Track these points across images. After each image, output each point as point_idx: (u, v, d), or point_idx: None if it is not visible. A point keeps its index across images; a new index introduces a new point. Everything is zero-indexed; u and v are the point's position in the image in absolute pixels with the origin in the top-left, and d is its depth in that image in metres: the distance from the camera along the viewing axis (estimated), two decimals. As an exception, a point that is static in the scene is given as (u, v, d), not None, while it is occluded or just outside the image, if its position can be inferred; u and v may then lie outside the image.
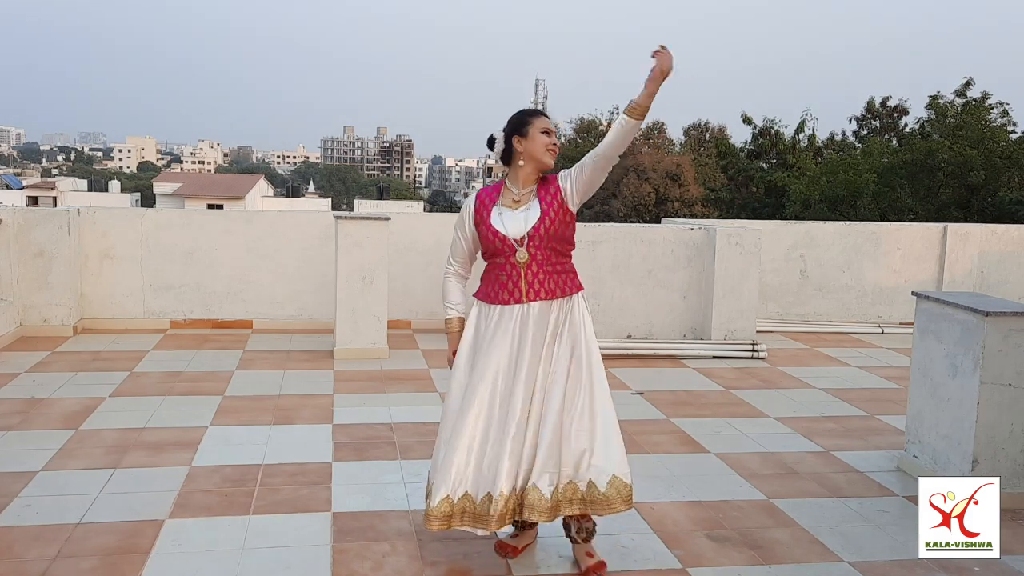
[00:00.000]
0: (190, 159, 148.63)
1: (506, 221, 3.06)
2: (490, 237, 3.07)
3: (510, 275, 3.05)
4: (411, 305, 7.67)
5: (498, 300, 3.06)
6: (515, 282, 3.04)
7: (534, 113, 3.15)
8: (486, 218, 3.09)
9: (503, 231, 3.05)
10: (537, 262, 3.04)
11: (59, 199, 47.27)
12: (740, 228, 7.33)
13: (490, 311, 3.10)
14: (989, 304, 3.97)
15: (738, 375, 6.37)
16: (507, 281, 3.05)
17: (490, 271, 3.13)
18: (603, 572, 3.15)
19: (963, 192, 21.67)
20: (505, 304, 3.05)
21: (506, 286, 3.05)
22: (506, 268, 3.06)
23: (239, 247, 7.50)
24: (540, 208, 3.06)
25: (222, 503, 3.69)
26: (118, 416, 4.88)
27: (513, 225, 3.06)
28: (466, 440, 3.01)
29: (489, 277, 3.13)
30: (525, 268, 3.04)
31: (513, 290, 3.04)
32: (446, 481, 3.00)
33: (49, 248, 6.93)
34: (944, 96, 23.45)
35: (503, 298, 3.05)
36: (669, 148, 39.41)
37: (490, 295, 3.09)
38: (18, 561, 3.12)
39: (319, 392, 5.53)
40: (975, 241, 8.72)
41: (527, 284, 3.04)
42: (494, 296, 3.08)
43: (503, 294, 3.05)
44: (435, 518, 3.00)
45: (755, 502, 3.90)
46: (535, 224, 3.04)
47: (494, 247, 3.07)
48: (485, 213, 3.11)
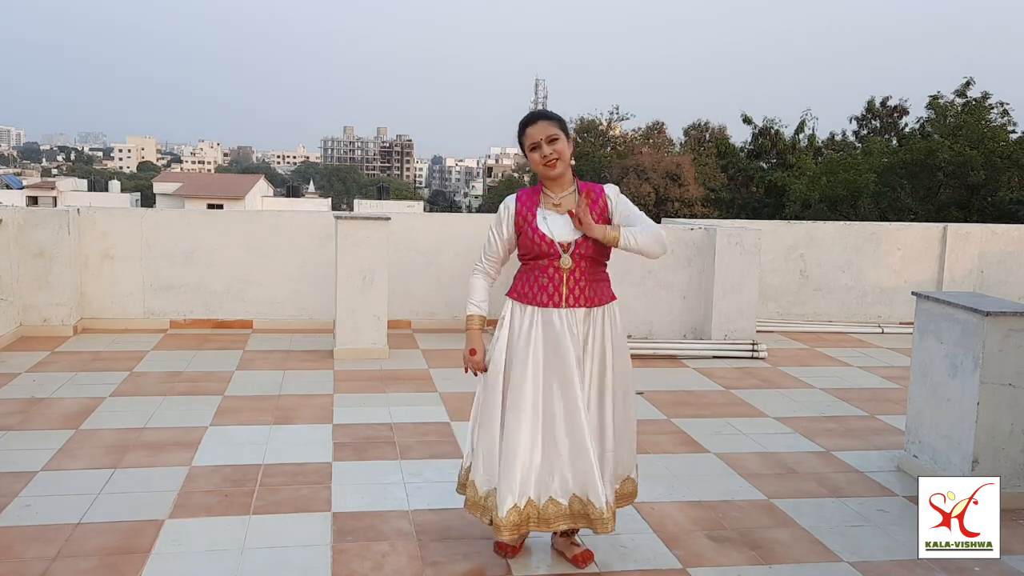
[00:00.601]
0: (190, 159, 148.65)
1: (552, 225, 3.02)
2: (536, 241, 3.01)
3: (552, 278, 3.02)
4: (411, 305, 7.67)
5: (536, 302, 3.03)
6: (556, 286, 3.02)
7: (522, 126, 3.05)
8: (531, 221, 3.04)
9: (549, 235, 3.00)
10: (580, 269, 3.03)
11: (59, 199, 47.25)
12: (740, 228, 7.33)
13: (524, 311, 3.06)
14: (989, 304, 3.97)
15: (738, 375, 6.37)
16: (548, 284, 3.02)
17: (529, 272, 3.08)
18: (591, 559, 3.20)
19: (963, 192, 21.68)
20: (543, 307, 3.02)
21: (546, 289, 3.02)
22: (548, 271, 3.02)
23: (239, 247, 7.50)
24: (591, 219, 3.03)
25: (222, 503, 3.69)
26: (118, 416, 4.88)
27: (560, 230, 3.01)
28: (525, 447, 3.01)
29: (527, 278, 3.08)
30: (568, 274, 3.02)
31: (553, 294, 3.02)
32: (512, 490, 3.00)
33: (49, 248, 6.93)
34: (944, 96, 23.48)
35: (542, 300, 3.02)
36: (669, 148, 39.40)
37: (528, 296, 3.05)
38: (18, 561, 3.12)
39: (319, 392, 5.53)
40: (975, 241, 8.72)
41: (568, 289, 3.02)
42: (532, 297, 3.04)
43: (542, 296, 3.02)
44: (505, 528, 3.01)
45: (755, 502, 3.90)
46: (584, 235, 3.01)
47: (539, 250, 3.02)
48: (530, 216, 3.05)
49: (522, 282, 3.10)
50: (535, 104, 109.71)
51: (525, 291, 3.07)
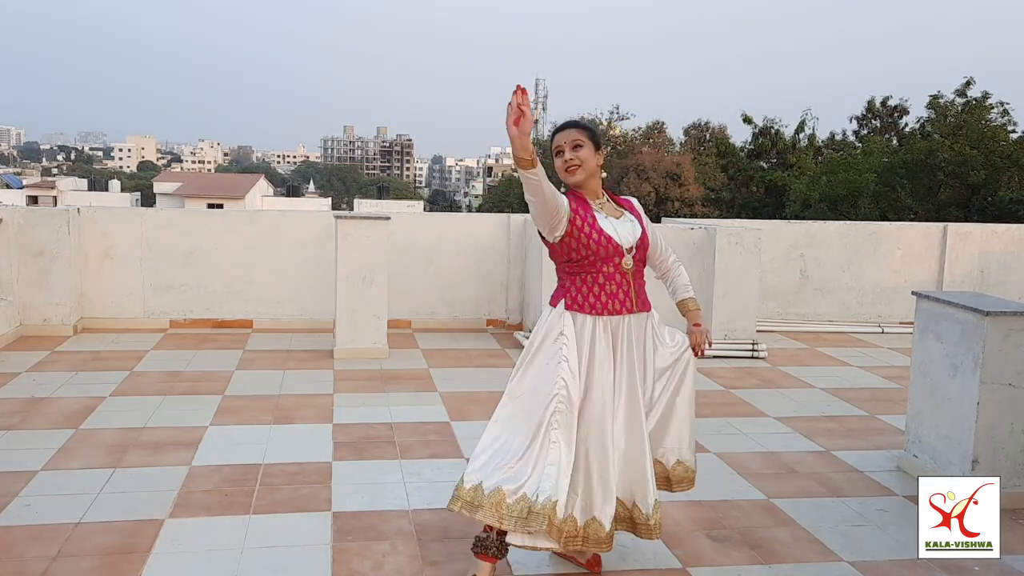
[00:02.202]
0: (190, 159, 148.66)
1: (617, 227, 2.93)
2: (601, 240, 2.86)
3: (620, 284, 2.91)
4: (411, 305, 7.67)
5: (607, 311, 2.89)
6: (626, 291, 2.92)
7: (562, 126, 3.00)
8: (593, 223, 2.87)
9: (616, 237, 2.90)
10: (639, 272, 3.00)
11: (59, 199, 47.26)
12: (740, 228, 7.33)
13: (585, 322, 2.89)
14: (989, 304, 3.97)
15: (738, 375, 6.37)
16: (617, 290, 2.90)
17: (588, 282, 2.90)
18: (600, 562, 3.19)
19: (963, 192, 21.67)
20: (616, 314, 2.90)
21: (616, 295, 2.90)
22: (615, 277, 2.90)
23: (239, 247, 7.50)
24: (639, 224, 3.02)
25: (222, 503, 3.69)
26: (118, 416, 4.88)
27: (624, 232, 2.94)
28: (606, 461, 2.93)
29: (588, 289, 2.90)
30: (632, 278, 2.95)
31: (625, 299, 2.91)
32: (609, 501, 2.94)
33: (49, 248, 6.93)
34: (944, 96, 23.45)
35: (613, 308, 2.90)
36: (669, 148, 39.36)
37: (596, 306, 2.88)
38: (18, 561, 3.12)
39: (319, 392, 5.53)
40: (975, 241, 8.72)
41: (636, 294, 2.96)
42: (601, 307, 2.88)
43: (613, 304, 2.90)
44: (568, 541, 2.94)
45: (755, 502, 3.90)
46: (641, 236, 2.98)
47: (603, 251, 2.88)
48: (590, 217, 2.88)
49: (580, 292, 2.90)
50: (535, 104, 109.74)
51: (589, 301, 2.89)
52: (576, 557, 3.20)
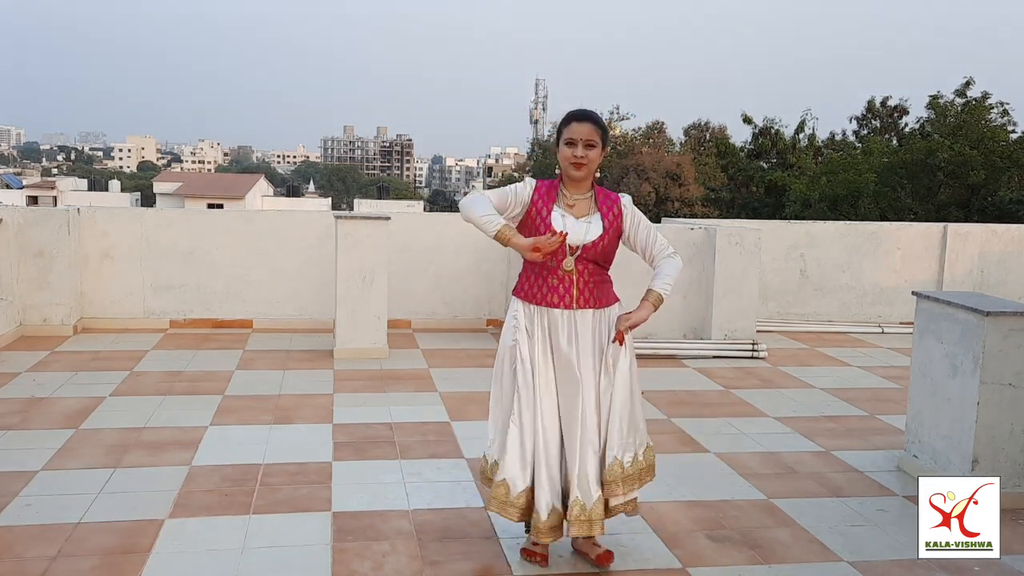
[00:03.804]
0: (190, 159, 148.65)
1: (568, 226, 3.00)
2: (543, 233, 2.97)
3: (561, 280, 3.02)
4: (411, 305, 7.67)
5: (547, 303, 3.03)
6: (567, 287, 3.02)
7: (567, 119, 3.06)
8: (545, 216, 3.00)
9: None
10: (588, 271, 3.04)
11: (59, 199, 47.27)
12: (740, 228, 7.33)
13: (533, 312, 3.06)
14: (989, 304, 3.97)
15: (738, 375, 6.37)
16: (558, 285, 3.02)
17: (535, 271, 3.06)
18: (612, 559, 3.20)
19: (963, 192, 21.68)
20: (555, 307, 3.02)
21: (556, 290, 3.02)
22: (557, 272, 3.02)
23: (239, 247, 7.50)
24: (603, 226, 3.04)
25: (222, 503, 3.69)
26: (118, 416, 4.88)
27: (575, 233, 3.00)
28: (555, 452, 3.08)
29: (535, 278, 3.06)
30: (577, 276, 3.02)
31: (564, 295, 3.02)
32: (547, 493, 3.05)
33: (49, 248, 6.93)
34: (944, 96, 23.45)
35: (553, 301, 3.02)
36: (669, 148, 39.36)
37: (537, 297, 3.04)
38: (18, 561, 3.12)
39: (319, 392, 5.53)
40: (975, 241, 8.72)
41: (578, 291, 3.02)
42: (542, 298, 3.03)
43: (553, 297, 3.02)
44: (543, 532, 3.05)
45: (755, 502, 3.90)
46: (595, 240, 3.02)
47: None
48: (544, 210, 3.02)
49: (530, 282, 3.08)
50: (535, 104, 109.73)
51: (535, 292, 3.06)
52: (587, 553, 3.22)
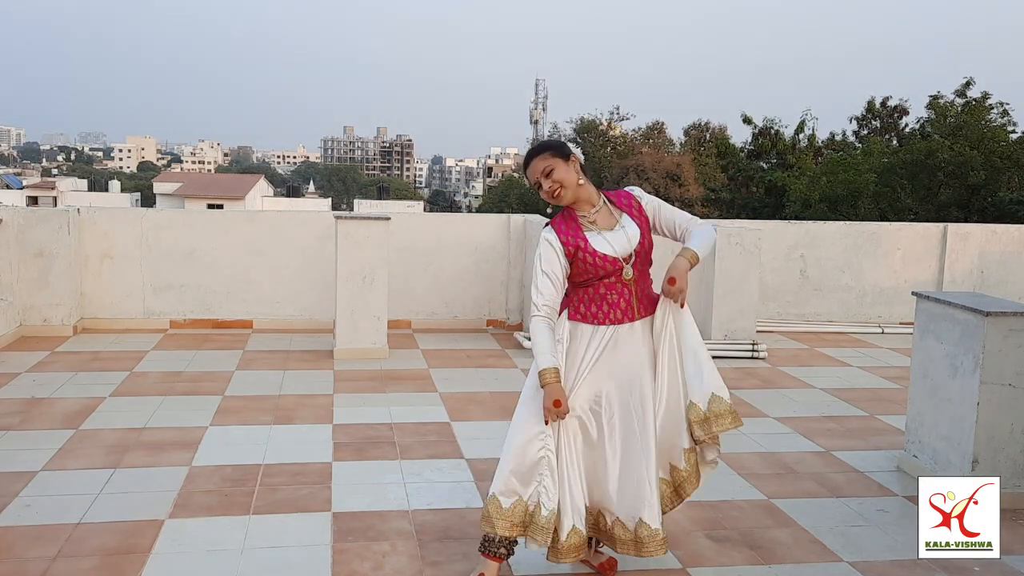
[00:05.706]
0: (190, 159, 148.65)
1: (611, 241, 2.96)
2: (596, 262, 2.93)
3: (622, 294, 2.97)
4: (411, 305, 7.67)
5: (609, 320, 2.97)
6: (627, 300, 2.97)
7: (527, 160, 3.03)
8: (586, 246, 2.94)
9: (612, 253, 2.94)
10: (643, 278, 3.02)
11: (59, 199, 47.28)
12: (740, 228, 7.33)
13: (593, 332, 2.98)
14: (989, 304, 3.97)
15: (738, 375, 6.37)
16: (618, 300, 2.97)
17: (590, 293, 2.99)
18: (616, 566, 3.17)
19: (963, 192, 21.70)
20: (619, 324, 2.97)
21: (618, 305, 2.97)
22: (616, 287, 2.96)
23: (239, 247, 7.50)
24: (637, 224, 3.01)
25: (222, 503, 3.70)
26: (118, 416, 4.88)
27: (619, 244, 2.96)
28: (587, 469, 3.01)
29: (590, 299, 2.99)
30: (635, 285, 2.99)
31: (627, 308, 2.97)
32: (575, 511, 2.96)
33: (49, 248, 6.93)
34: (944, 96, 23.51)
35: (615, 317, 2.97)
36: (669, 148, 39.40)
37: (598, 316, 2.98)
38: (18, 561, 3.12)
39: (319, 392, 5.53)
40: (975, 241, 8.72)
41: (637, 301, 3.00)
42: (603, 317, 2.97)
43: (615, 313, 2.97)
44: (566, 552, 2.96)
45: (755, 502, 3.90)
46: (640, 240, 2.99)
47: (602, 271, 2.94)
48: (581, 242, 2.95)
49: (585, 304, 3.00)
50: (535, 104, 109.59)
51: (593, 312, 2.98)
52: (590, 560, 3.20)
